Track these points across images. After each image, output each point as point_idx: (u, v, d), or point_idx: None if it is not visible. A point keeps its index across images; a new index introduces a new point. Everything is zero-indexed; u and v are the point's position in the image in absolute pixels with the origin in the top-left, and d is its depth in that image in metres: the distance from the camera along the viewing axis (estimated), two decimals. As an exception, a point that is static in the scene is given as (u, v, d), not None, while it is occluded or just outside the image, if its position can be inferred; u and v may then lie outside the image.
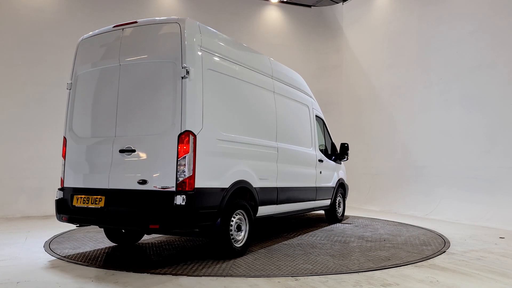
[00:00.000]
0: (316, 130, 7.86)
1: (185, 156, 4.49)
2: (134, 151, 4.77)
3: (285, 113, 6.70)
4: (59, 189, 5.34)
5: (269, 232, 7.40)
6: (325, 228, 7.87)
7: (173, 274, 4.42)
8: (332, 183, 8.39)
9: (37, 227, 7.64)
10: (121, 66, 5.05)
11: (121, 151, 4.83)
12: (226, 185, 5.05)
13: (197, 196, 4.57)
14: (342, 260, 5.10)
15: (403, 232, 7.32)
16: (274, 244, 6.20)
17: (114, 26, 5.27)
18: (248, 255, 5.40)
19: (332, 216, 8.60)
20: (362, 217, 9.72)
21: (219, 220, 4.95)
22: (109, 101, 5.06)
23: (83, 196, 5.02)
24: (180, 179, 4.49)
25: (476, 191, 9.42)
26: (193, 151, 4.54)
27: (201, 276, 4.37)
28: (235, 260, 5.06)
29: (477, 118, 9.67)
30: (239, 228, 5.33)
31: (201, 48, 4.88)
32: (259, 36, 13.53)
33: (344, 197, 9.08)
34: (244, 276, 4.38)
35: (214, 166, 4.88)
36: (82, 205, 5.00)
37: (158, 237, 6.77)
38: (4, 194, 9.45)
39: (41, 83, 10.01)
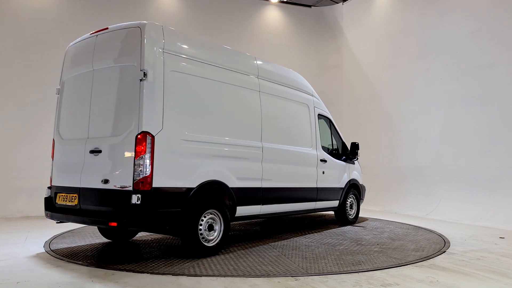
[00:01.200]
0: (318, 129, 7.66)
1: (142, 156, 4.66)
2: (100, 151, 5.03)
3: (274, 113, 6.63)
4: (48, 188, 5.72)
5: (267, 232, 7.41)
6: (330, 230, 7.63)
7: (173, 274, 4.43)
8: (341, 183, 8.15)
9: (37, 227, 7.64)
10: (94, 71, 5.36)
11: (91, 151, 5.12)
12: (193, 185, 5.12)
13: (155, 195, 4.70)
14: (309, 263, 4.95)
15: (408, 237, 6.96)
16: (259, 244, 6.13)
17: (91, 33, 5.57)
18: (221, 254, 5.39)
19: (342, 218, 8.32)
20: (380, 219, 9.28)
21: (186, 219, 5.03)
22: (85, 104, 5.38)
23: (63, 194, 5.41)
24: (137, 178, 4.65)
25: (476, 191, 9.41)
26: (151, 151, 4.69)
27: (201, 276, 4.38)
28: (200, 260, 5.06)
29: (477, 118, 9.67)
30: (211, 228, 5.37)
31: (164, 51, 5.02)
32: (259, 36, 13.53)
33: (358, 198, 8.73)
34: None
35: (178, 166, 4.98)
36: (62, 203, 5.39)
37: (150, 234, 6.78)
38: (4, 194, 9.45)
39: (41, 83, 10.00)
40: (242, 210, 5.85)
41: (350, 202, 8.49)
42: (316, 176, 7.42)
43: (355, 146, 8.44)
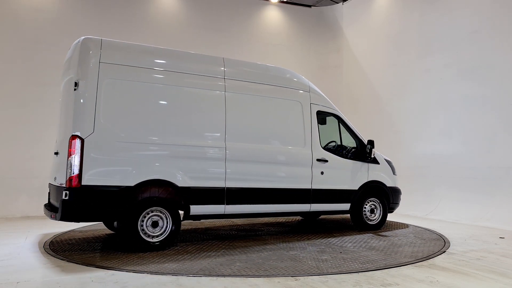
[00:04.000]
0: (316, 127, 7.23)
1: (73, 157, 5.25)
2: (58, 153, 5.91)
3: (247, 112, 6.57)
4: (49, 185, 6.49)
5: (265, 233, 7.40)
6: (329, 238, 6.79)
7: (173, 274, 4.43)
8: (353, 185, 7.50)
9: (37, 227, 7.64)
10: (64, 82, 6.18)
11: (55, 153, 6.08)
12: (131, 183, 5.50)
13: (84, 192, 5.26)
14: (226, 266, 4.81)
15: (402, 249, 5.96)
16: (222, 248, 5.90)
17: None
18: (168, 251, 5.55)
19: (359, 222, 7.58)
20: (420, 227, 8.17)
21: (125, 215, 5.49)
22: (61, 112, 6.28)
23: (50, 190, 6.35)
24: (69, 177, 5.24)
25: (476, 191, 9.41)
26: (80, 152, 5.25)
27: (200, 276, 4.38)
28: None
29: (477, 118, 9.66)
30: (156, 225, 5.68)
31: (101, 61, 5.57)
32: (259, 36, 13.52)
33: (383, 203, 7.84)
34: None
35: (112, 166, 5.46)
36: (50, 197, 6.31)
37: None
38: (4, 194, 9.45)
39: (41, 83, 9.99)
40: (198, 209, 6.01)
41: (370, 206, 7.72)
42: (310, 177, 6.99)
43: (369, 144, 7.72)
